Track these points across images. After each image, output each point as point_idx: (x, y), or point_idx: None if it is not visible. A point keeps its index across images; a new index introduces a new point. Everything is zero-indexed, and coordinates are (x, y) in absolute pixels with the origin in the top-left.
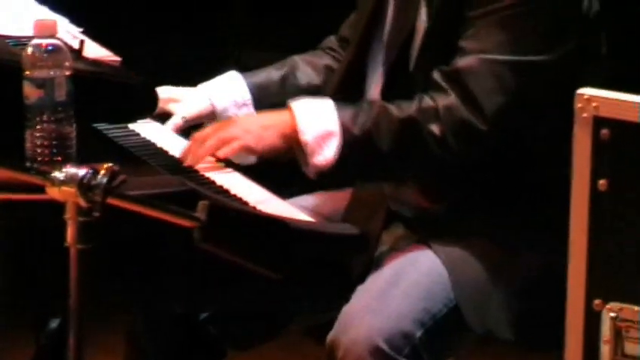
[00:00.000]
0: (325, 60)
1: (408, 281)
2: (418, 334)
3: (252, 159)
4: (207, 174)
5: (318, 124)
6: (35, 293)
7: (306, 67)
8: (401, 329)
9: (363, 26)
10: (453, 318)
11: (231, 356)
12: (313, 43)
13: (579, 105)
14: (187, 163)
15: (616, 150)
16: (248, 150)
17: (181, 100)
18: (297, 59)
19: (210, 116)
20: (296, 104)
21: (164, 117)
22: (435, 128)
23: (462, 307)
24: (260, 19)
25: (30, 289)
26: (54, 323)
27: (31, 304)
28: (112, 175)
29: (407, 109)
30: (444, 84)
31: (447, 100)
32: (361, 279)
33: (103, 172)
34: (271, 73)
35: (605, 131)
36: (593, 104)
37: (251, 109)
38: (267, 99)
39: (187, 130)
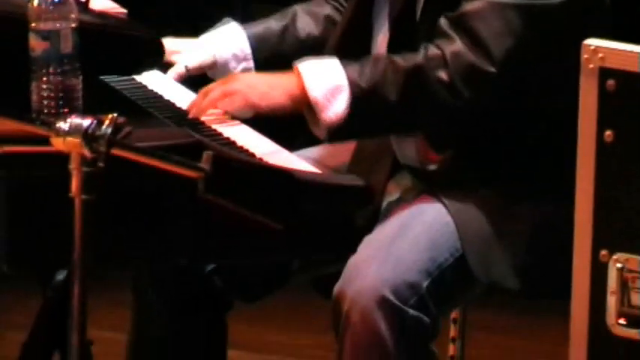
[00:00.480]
0: (326, 10)
1: (414, 231)
2: (424, 283)
3: (249, 113)
4: (214, 126)
5: (326, 80)
6: (41, 245)
7: (306, 18)
8: (407, 279)
9: None
10: (459, 268)
11: (237, 308)
12: None
13: (585, 56)
14: (191, 114)
15: (622, 101)
16: (251, 106)
17: (182, 51)
18: (298, 9)
19: (211, 67)
20: (301, 64)
21: (166, 68)
22: (443, 74)
23: (468, 256)
24: None
25: (36, 241)
26: (60, 275)
27: (37, 257)
28: (116, 125)
29: (413, 58)
30: (450, 31)
31: (454, 46)
32: (368, 230)
33: (107, 122)
34: (271, 25)
35: (611, 82)
36: (600, 55)
37: (250, 63)
38: (267, 51)
39: (190, 80)
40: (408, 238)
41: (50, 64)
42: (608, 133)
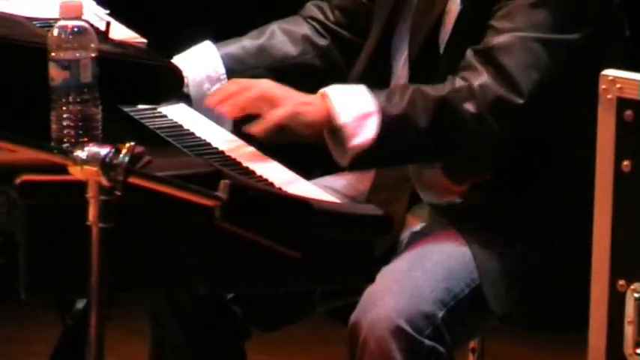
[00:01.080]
0: (304, 29)
1: (431, 262)
2: (440, 314)
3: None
4: (234, 155)
5: (355, 106)
6: (60, 273)
7: (282, 37)
8: (422, 309)
9: (389, 8)
10: (476, 299)
11: (256, 337)
12: None
13: (603, 86)
14: (216, 100)
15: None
16: (282, 119)
17: None
18: (275, 28)
19: (185, 87)
20: (329, 89)
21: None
22: (470, 106)
23: (484, 287)
24: None
25: (54, 270)
26: (80, 304)
27: (58, 285)
28: (134, 154)
29: (440, 89)
30: (476, 64)
31: (481, 78)
32: (386, 260)
33: (124, 150)
34: (246, 44)
35: (629, 112)
36: (618, 85)
37: (224, 83)
38: (241, 71)
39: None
40: (424, 268)
41: (70, 93)
42: (625, 163)
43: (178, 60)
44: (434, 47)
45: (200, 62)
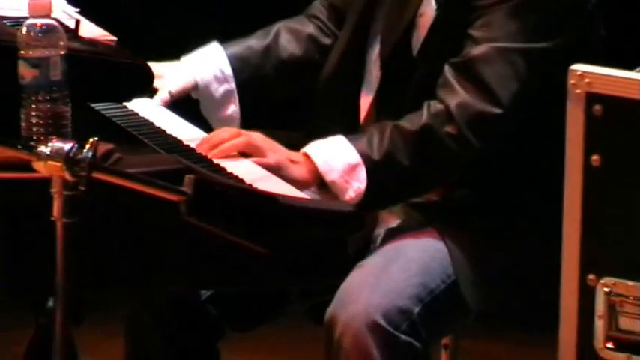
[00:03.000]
0: (309, 28)
1: (406, 257)
2: (416, 309)
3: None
4: (205, 153)
5: (339, 161)
6: (33, 272)
7: (288, 36)
8: (398, 305)
9: (362, 6)
10: (452, 294)
11: (229, 336)
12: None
13: (572, 81)
14: (204, 150)
15: (609, 126)
16: (268, 167)
17: (164, 75)
18: (281, 27)
19: (194, 89)
20: (310, 149)
21: (153, 94)
22: (450, 129)
23: (460, 283)
24: None
25: (28, 268)
26: (53, 302)
27: (30, 284)
28: (103, 151)
29: (418, 119)
30: (454, 81)
31: (458, 97)
32: (360, 256)
33: (88, 146)
34: (252, 44)
35: (597, 107)
36: (586, 80)
37: (232, 84)
38: (248, 71)
39: (175, 104)
40: (400, 264)
41: (39, 91)
42: (595, 157)
43: (185, 61)
44: (406, 48)
45: (207, 63)
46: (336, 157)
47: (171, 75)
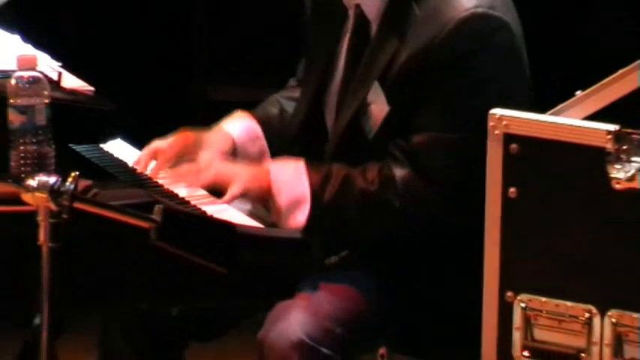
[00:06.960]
0: (297, 93)
1: (337, 284)
2: (338, 330)
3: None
4: (172, 188)
5: (291, 188)
6: (20, 291)
7: (290, 103)
8: (322, 325)
9: (313, 87)
10: (375, 322)
11: (193, 348)
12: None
13: (492, 123)
14: (185, 183)
15: (524, 162)
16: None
17: (206, 143)
18: (279, 97)
19: (232, 152)
20: (272, 166)
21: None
22: (395, 201)
23: (379, 314)
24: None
25: (15, 287)
26: (39, 320)
27: (17, 302)
28: (84, 186)
29: (371, 179)
30: (400, 156)
31: (403, 171)
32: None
33: (70, 179)
34: (269, 109)
35: (514, 146)
36: (504, 122)
37: (263, 141)
38: (273, 133)
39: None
40: (329, 289)
41: (26, 134)
42: (512, 190)
43: (223, 128)
44: (357, 129)
45: (241, 126)
46: (290, 183)
47: (213, 142)
